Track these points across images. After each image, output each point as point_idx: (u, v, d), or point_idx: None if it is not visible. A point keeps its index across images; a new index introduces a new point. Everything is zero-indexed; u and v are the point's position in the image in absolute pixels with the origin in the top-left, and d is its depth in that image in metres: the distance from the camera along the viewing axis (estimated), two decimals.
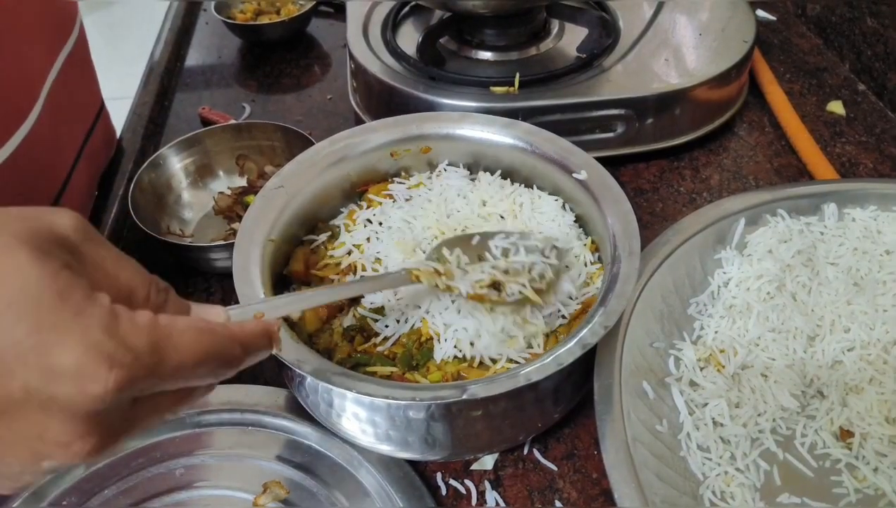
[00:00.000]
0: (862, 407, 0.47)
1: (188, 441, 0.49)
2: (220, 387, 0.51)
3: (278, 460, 0.48)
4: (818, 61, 0.86)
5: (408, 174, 0.60)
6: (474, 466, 0.49)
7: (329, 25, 0.96)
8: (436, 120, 0.60)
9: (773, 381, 0.48)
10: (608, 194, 0.53)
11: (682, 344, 0.51)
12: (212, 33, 0.96)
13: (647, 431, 0.45)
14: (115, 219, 0.67)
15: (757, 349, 0.50)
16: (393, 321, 0.49)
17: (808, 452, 0.46)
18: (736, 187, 0.69)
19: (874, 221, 0.57)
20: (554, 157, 0.57)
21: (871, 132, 0.75)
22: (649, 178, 0.71)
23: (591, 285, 0.52)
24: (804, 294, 0.53)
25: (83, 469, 0.47)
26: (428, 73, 0.71)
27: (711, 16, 0.77)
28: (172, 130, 0.80)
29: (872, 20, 0.79)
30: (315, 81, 0.87)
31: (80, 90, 0.67)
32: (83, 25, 0.67)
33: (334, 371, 0.43)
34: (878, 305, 0.52)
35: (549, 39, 0.76)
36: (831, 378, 0.49)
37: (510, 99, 0.67)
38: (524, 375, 0.42)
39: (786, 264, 0.54)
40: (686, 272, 0.54)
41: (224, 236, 0.64)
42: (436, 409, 0.44)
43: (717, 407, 0.47)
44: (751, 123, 0.77)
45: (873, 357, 0.50)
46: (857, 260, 0.55)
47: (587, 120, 0.68)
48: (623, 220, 0.51)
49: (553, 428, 0.50)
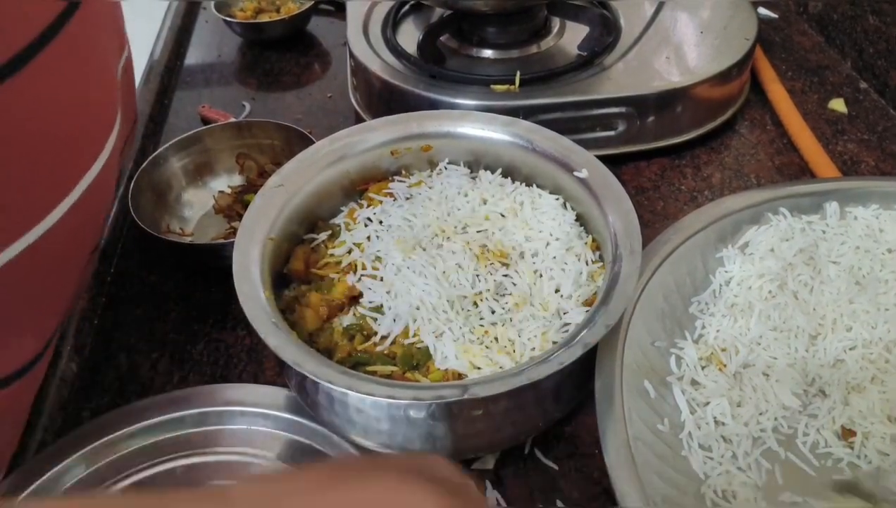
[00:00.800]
0: (864, 406, 0.47)
1: (189, 441, 0.49)
2: (221, 387, 0.51)
3: (279, 460, 0.48)
4: (820, 59, 0.86)
5: (408, 173, 0.60)
6: (475, 465, 0.49)
7: (329, 23, 0.96)
8: (436, 118, 0.60)
9: (774, 380, 0.48)
10: (609, 193, 0.53)
11: (684, 343, 0.50)
12: (212, 31, 0.96)
13: (648, 430, 0.45)
14: (115, 218, 0.66)
15: (758, 348, 0.50)
16: (390, 319, 0.49)
17: (810, 451, 0.46)
18: (737, 186, 0.69)
19: (876, 219, 0.57)
20: (555, 155, 0.56)
21: (872, 130, 0.75)
22: (650, 176, 0.71)
23: (592, 284, 0.52)
24: (806, 293, 0.53)
25: (83, 469, 0.47)
26: (428, 71, 0.70)
27: (713, 14, 0.77)
28: (172, 128, 0.80)
29: (874, 18, 0.79)
30: (315, 79, 0.86)
31: (129, 90, 0.67)
32: None
33: (334, 371, 0.43)
34: (879, 303, 0.52)
35: (550, 37, 0.76)
36: (833, 377, 0.49)
37: (511, 97, 0.67)
38: (525, 374, 0.42)
39: (787, 263, 0.53)
40: (687, 271, 0.54)
41: (224, 234, 0.64)
42: (437, 408, 0.43)
43: (719, 406, 0.47)
44: (752, 121, 0.77)
45: (875, 356, 0.49)
46: (860, 259, 0.55)
47: (588, 118, 0.68)
48: (624, 218, 0.51)
49: (554, 427, 0.50)
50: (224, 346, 0.57)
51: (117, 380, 0.55)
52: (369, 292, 0.50)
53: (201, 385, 0.52)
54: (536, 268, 0.52)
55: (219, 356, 0.57)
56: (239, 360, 0.56)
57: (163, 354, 0.57)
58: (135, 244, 0.66)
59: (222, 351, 0.57)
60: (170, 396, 0.51)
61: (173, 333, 0.59)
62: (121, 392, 0.54)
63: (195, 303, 0.61)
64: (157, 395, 0.52)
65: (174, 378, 0.55)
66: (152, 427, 0.49)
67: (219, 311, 0.60)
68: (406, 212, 0.55)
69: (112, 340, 0.58)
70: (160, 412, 0.49)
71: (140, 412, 0.50)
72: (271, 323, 0.45)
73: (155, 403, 0.50)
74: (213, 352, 0.57)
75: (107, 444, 0.48)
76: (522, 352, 0.47)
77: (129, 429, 0.49)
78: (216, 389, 0.51)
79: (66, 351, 0.55)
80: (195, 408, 0.49)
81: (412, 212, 0.55)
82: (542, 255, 0.53)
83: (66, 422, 0.53)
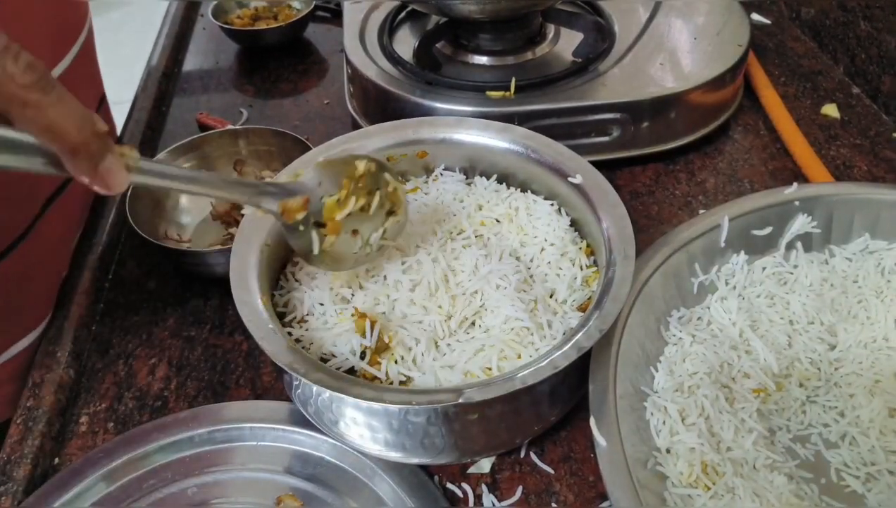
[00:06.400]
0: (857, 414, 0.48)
1: (199, 460, 0.49)
2: (227, 405, 0.52)
3: (289, 473, 0.48)
4: (812, 65, 0.86)
5: (404, 179, 0.60)
6: (471, 469, 0.49)
7: (326, 30, 0.96)
8: (432, 125, 0.61)
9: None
10: (603, 198, 0.53)
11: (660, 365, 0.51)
12: (209, 38, 0.96)
13: (640, 433, 0.46)
14: (113, 224, 0.67)
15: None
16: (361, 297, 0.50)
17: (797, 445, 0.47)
18: (731, 190, 0.70)
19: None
20: (549, 161, 0.57)
21: (865, 135, 0.76)
22: (645, 181, 0.71)
23: (586, 288, 0.52)
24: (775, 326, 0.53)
25: (93, 494, 0.47)
26: (424, 77, 0.71)
27: (706, 20, 0.78)
28: (170, 135, 0.80)
29: (866, 24, 0.80)
30: (312, 85, 0.87)
31: (86, 87, 0.68)
32: (92, 24, 0.68)
33: (330, 376, 0.43)
34: None
35: (545, 44, 0.76)
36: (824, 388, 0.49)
37: (506, 103, 0.68)
38: (520, 378, 0.42)
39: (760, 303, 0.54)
40: (681, 277, 0.54)
41: (221, 240, 0.65)
42: (432, 413, 0.44)
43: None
44: (746, 126, 0.78)
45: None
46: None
47: (583, 124, 0.68)
48: (618, 223, 0.51)
49: (549, 431, 0.51)
50: (222, 352, 0.58)
51: (115, 386, 0.56)
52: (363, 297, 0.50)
53: (207, 405, 0.52)
54: (532, 273, 0.53)
55: (216, 361, 0.57)
56: (236, 366, 0.57)
57: (160, 360, 0.57)
58: (132, 251, 0.66)
59: (220, 357, 0.57)
60: (178, 417, 0.51)
61: (171, 339, 0.59)
62: (119, 398, 0.55)
63: (193, 309, 0.61)
64: (165, 416, 0.52)
65: (172, 384, 0.55)
66: (162, 448, 0.49)
67: (216, 317, 0.60)
68: None
69: (110, 346, 0.59)
70: (168, 433, 0.50)
71: (147, 434, 0.50)
72: (268, 329, 0.45)
73: (162, 424, 0.50)
74: (211, 358, 0.57)
75: (115, 469, 0.48)
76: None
77: (136, 452, 0.49)
78: (223, 407, 0.52)
79: (63, 357, 0.55)
80: (204, 427, 0.50)
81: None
82: (537, 260, 0.54)
83: (63, 428, 0.53)
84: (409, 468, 0.47)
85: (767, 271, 0.55)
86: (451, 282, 0.51)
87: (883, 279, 0.54)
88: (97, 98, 0.73)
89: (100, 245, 0.64)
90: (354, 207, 0.47)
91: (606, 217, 0.52)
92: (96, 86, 0.73)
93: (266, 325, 0.46)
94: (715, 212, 0.56)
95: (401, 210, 0.50)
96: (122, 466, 0.48)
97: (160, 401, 0.54)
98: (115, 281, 0.64)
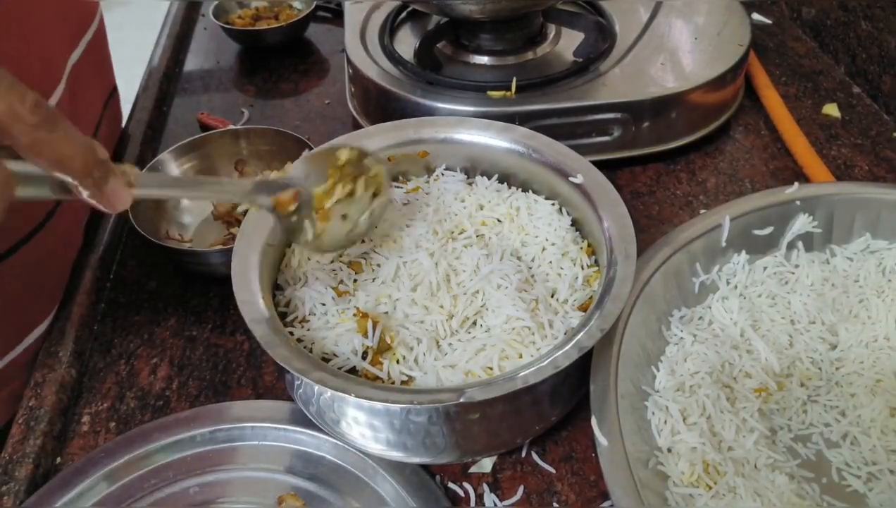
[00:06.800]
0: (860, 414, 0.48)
1: (201, 460, 0.49)
2: (229, 404, 0.52)
3: (291, 472, 0.48)
4: (813, 64, 0.86)
5: (405, 179, 0.60)
6: (472, 469, 0.50)
7: (327, 30, 0.96)
8: (433, 125, 0.61)
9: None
10: (604, 198, 0.53)
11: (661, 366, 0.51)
12: (210, 38, 0.96)
13: (642, 433, 0.46)
14: (114, 224, 0.67)
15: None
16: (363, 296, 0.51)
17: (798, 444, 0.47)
18: (732, 190, 0.70)
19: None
20: (550, 161, 0.57)
21: (866, 135, 0.76)
22: (646, 181, 0.71)
23: (587, 288, 0.52)
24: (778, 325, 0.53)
25: (97, 492, 0.47)
26: (425, 77, 0.71)
27: (707, 20, 0.78)
28: (171, 134, 0.80)
29: (867, 23, 0.80)
30: (313, 85, 0.87)
31: (99, 76, 0.71)
32: (103, 18, 0.70)
33: (332, 375, 0.43)
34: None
35: (546, 44, 0.76)
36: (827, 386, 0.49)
37: (507, 103, 0.68)
38: (521, 378, 0.42)
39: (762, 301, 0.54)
40: (682, 277, 0.55)
41: (223, 240, 0.65)
42: (433, 413, 0.44)
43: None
44: (747, 126, 0.78)
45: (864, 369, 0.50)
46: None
47: (584, 124, 0.68)
48: (619, 223, 0.51)
49: (551, 431, 0.51)
50: (223, 351, 0.58)
51: (117, 385, 0.56)
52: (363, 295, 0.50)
53: (209, 405, 0.52)
54: (533, 272, 0.53)
55: (218, 361, 0.57)
56: (238, 365, 0.57)
57: (162, 360, 0.57)
58: (134, 251, 0.67)
59: (221, 356, 0.57)
60: (179, 416, 0.51)
61: (172, 338, 0.59)
62: (120, 398, 0.55)
63: (194, 309, 0.61)
64: (167, 416, 0.52)
65: (173, 384, 0.55)
66: (164, 448, 0.49)
67: (218, 317, 0.60)
68: (403, 217, 0.55)
69: (111, 346, 0.59)
70: (169, 432, 0.50)
71: (148, 433, 0.50)
72: (270, 329, 0.45)
73: (164, 424, 0.50)
74: (213, 357, 0.57)
75: (116, 469, 0.48)
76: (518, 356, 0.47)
77: (138, 452, 0.49)
78: (224, 407, 0.52)
79: (65, 357, 0.56)
80: (205, 427, 0.50)
81: (409, 217, 0.55)
82: (539, 260, 0.54)
83: (65, 427, 0.53)
84: (410, 467, 0.48)
85: (768, 271, 0.55)
86: (452, 282, 0.51)
87: (884, 279, 0.54)
88: (109, 88, 0.73)
89: (101, 245, 0.65)
90: (342, 193, 0.49)
91: (607, 217, 0.52)
92: (108, 76, 0.73)
93: (267, 325, 0.46)
94: (716, 212, 0.56)
95: (383, 191, 0.52)
96: (124, 465, 0.48)
97: (162, 401, 0.54)
98: (117, 281, 0.64)
